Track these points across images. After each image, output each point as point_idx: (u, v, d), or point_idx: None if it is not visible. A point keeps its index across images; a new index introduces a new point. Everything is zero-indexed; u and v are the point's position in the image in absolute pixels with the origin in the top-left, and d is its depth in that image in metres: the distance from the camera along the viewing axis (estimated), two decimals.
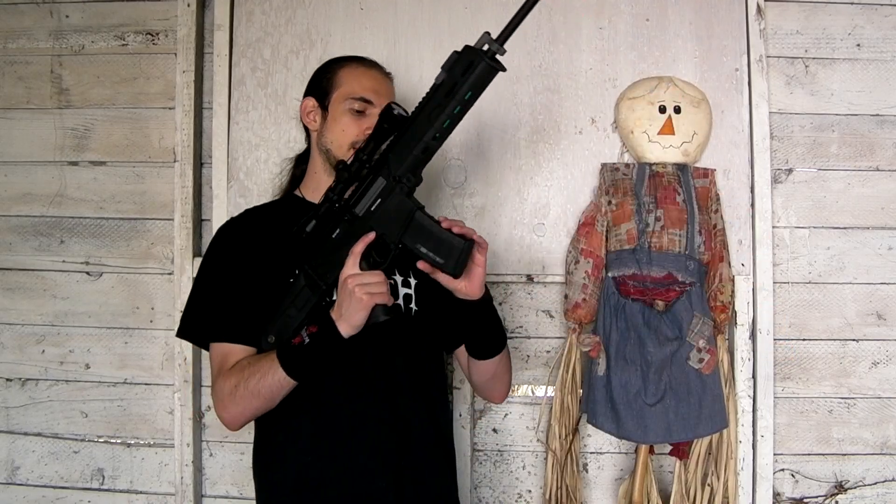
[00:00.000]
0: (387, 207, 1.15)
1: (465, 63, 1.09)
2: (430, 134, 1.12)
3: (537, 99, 1.80)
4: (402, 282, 1.31)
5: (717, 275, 1.70)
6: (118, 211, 1.89)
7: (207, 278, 1.29)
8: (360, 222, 1.16)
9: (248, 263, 1.25)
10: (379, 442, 1.24)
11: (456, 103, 1.09)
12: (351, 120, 1.30)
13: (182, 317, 1.30)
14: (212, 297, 1.26)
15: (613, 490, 1.81)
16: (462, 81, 1.08)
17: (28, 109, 1.91)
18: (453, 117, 1.11)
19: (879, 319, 1.80)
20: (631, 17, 1.80)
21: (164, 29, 1.88)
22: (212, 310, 1.26)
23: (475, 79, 1.08)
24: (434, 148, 1.14)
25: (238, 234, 1.31)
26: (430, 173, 1.80)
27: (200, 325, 1.27)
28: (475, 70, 1.08)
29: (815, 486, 1.80)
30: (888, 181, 1.81)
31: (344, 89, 1.32)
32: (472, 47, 1.09)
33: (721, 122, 1.77)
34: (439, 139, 1.13)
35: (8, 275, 1.92)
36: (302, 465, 1.23)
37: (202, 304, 1.28)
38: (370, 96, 1.31)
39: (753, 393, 1.76)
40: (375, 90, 1.32)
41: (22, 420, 1.91)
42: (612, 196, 1.72)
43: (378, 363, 1.26)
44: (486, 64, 1.07)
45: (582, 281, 1.70)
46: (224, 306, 1.24)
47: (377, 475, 1.23)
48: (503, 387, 1.42)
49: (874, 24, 1.81)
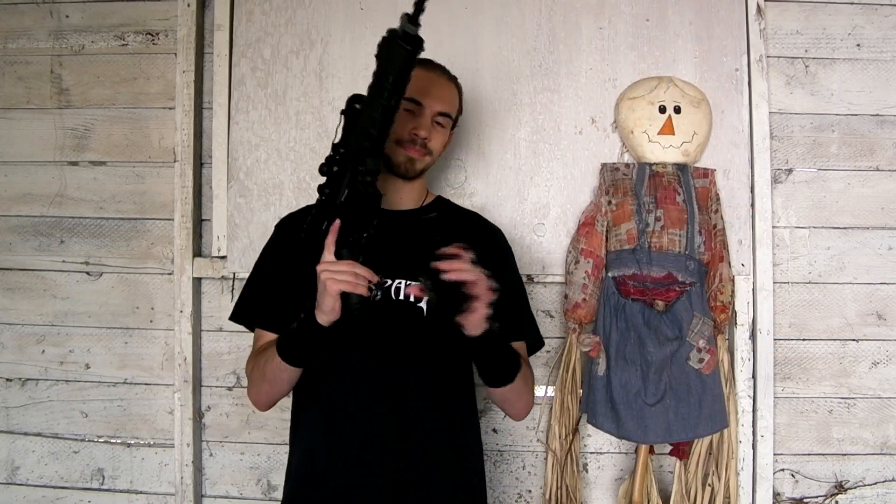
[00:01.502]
0: (351, 197, 1.16)
1: (384, 47, 1.09)
2: (369, 123, 1.12)
3: (537, 99, 1.80)
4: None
5: (717, 275, 1.70)
6: (118, 211, 1.89)
7: (257, 268, 1.39)
8: (336, 215, 1.17)
9: (293, 258, 1.28)
10: (378, 441, 1.25)
11: (383, 89, 1.10)
12: (400, 119, 1.28)
13: (237, 302, 1.39)
14: (257, 287, 1.36)
15: (613, 490, 1.81)
16: (384, 67, 1.09)
17: (28, 109, 1.91)
18: (385, 103, 1.11)
19: (879, 319, 1.80)
20: (631, 17, 1.80)
21: (164, 29, 1.88)
22: (256, 298, 1.35)
23: (391, 61, 1.08)
24: (376, 136, 1.13)
25: (290, 230, 1.37)
26: (430, 173, 1.80)
27: (246, 311, 1.37)
28: (390, 53, 1.08)
29: (815, 486, 1.80)
30: (888, 181, 1.81)
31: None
32: (391, 30, 1.08)
33: (721, 122, 1.77)
34: (379, 126, 1.12)
35: (8, 275, 1.92)
36: (308, 453, 1.29)
37: (250, 292, 1.38)
38: (419, 97, 1.31)
39: (753, 393, 1.76)
40: (425, 90, 1.32)
41: (22, 420, 1.91)
42: (612, 196, 1.72)
43: (392, 364, 1.27)
44: (396, 45, 1.07)
45: (582, 281, 1.70)
46: (266, 296, 1.33)
47: (374, 473, 1.25)
48: (516, 411, 1.41)
49: (874, 24, 1.81)
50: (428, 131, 1.33)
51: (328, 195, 1.17)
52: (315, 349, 1.19)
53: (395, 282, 1.30)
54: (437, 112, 1.34)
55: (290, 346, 1.19)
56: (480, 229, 1.46)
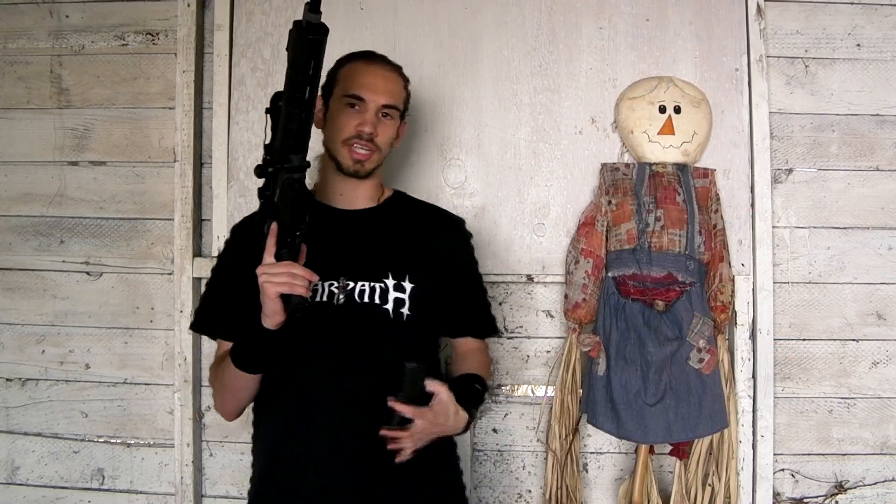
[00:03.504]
0: (282, 196, 1.15)
1: (291, 41, 1.08)
2: (288, 119, 1.11)
3: (537, 99, 1.80)
4: (394, 285, 1.30)
5: (717, 275, 1.70)
6: (118, 211, 1.89)
7: (214, 276, 1.37)
8: (272, 215, 1.16)
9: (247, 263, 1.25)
10: (348, 444, 1.24)
11: (297, 83, 1.09)
12: (344, 116, 1.29)
13: (195, 312, 1.37)
14: (215, 295, 1.34)
15: (613, 490, 1.81)
16: (294, 60, 1.08)
17: (28, 109, 1.91)
18: (301, 97, 1.09)
19: (879, 319, 1.80)
20: (631, 17, 1.80)
21: (164, 29, 1.88)
22: (215, 307, 1.33)
23: (300, 53, 1.07)
24: (296, 131, 1.12)
25: (244, 234, 1.33)
26: (431, 173, 1.81)
27: (206, 321, 1.35)
28: (297, 45, 1.07)
29: (815, 486, 1.80)
30: (888, 181, 1.81)
31: (340, 87, 1.32)
32: (295, 21, 1.08)
33: (721, 122, 1.77)
34: (298, 120, 1.11)
35: (8, 275, 1.92)
36: (276, 459, 1.27)
37: (208, 301, 1.35)
38: (361, 92, 1.29)
39: (753, 393, 1.76)
40: (369, 85, 1.30)
41: (22, 420, 1.91)
42: (612, 196, 1.72)
43: (359, 367, 1.26)
44: (302, 36, 1.06)
45: (582, 281, 1.70)
46: (224, 304, 1.30)
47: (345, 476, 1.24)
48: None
49: (874, 24, 1.81)
50: (373, 126, 1.30)
51: (267, 197, 1.16)
52: (266, 354, 1.18)
53: (357, 284, 1.28)
54: (381, 105, 1.31)
55: (242, 353, 1.18)
56: (440, 222, 1.44)
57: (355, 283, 1.28)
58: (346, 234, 1.30)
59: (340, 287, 1.27)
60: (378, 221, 1.36)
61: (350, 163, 1.30)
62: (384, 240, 1.34)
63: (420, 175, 1.81)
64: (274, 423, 1.29)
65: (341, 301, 1.27)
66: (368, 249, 1.32)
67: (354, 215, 1.35)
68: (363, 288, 1.28)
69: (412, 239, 1.37)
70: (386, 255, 1.32)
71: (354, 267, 1.29)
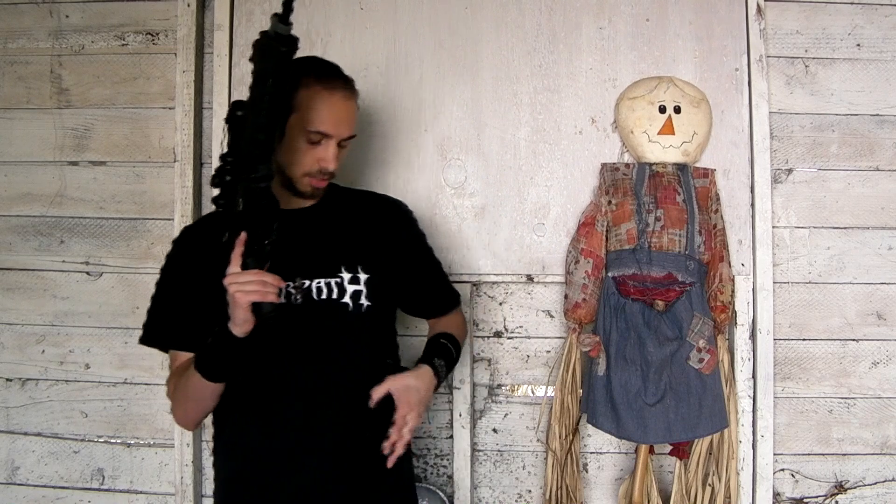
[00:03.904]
0: (249, 206, 1.14)
1: (258, 51, 1.08)
2: (256, 129, 1.10)
3: (537, 99, 1.80)
4: (349, 278, 1.30)
5: (717, 275, 1.70)
6: (118, 211, 1.89)
7: (161, 287, 1.32)
8: (237, 224, 1.15)
9: (199, 272, 1.24)
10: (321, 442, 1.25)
11: (265, 93, 1.08)
12: (306, 149, 1.25)
13: (144, 325, 1.32)
14: (165, 307, 1.30)
15: (613, 490, 1.81)
16: (261, 70, 1.08)
17: (28, 109, 1.91)
18: (269, 107, 1.09)
19: (879, 319, 1.80)
20: (631, 17, 1.80)
21: (164, 29, 1.88)
22: (166, 319, 1.29)
23: (268, 64, 1.07)
24: (263, 141, 1.11)
25: (192, 243, 1.32)
26: (431, 173, 1.81)
27: (158, 333, 1.30)
28: (265, 55, 1.07)
29: (815, 486, 1.80)
30: (888, 181, 1.81)
31: (301, 116, 1.23)
32: (263, 32, 1.08)
33: (721, 122, 1.77)
34: (266, 130, 1.11)
35: (8, 275, 1.92)
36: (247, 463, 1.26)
37: (157, 313, 1.31)
38: (325, 129, 1.24)
39: (753, 393, 1.76)
40: (334, 121, 1.25)
41: (22, 420, 1.91)
42: (612, 196, 1.72)
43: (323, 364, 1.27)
44: (271, 47, 1.06)
45: (582, 281, 1.70)
46: (175, 316, 1.27)
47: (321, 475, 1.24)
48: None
49: (874, 24, 1.81)
50: (335, 160, 1.27)
51: (224, 206, 1.15)
52: (234, 362, 1.18)
53: (314, 282, 1.28)
54: (343, 138, 1.28)
55: (208, 362, 1.17)
56: (381, 207, 1.43)
57: (311, 281, 1.28)
58: (293, 233, 1.28)
59: (297, 287, 1.26)
60: (322, 217, 1.34)
61: (309, 190, 1.29)
62: (332, 234, 1.33)
63: (420, 175, 1.81)
64: (244, 427, 1.28)
65: (299, 301, 1.26)
66: (318, 246, 1.31)
67: (298, 214, 1.32)
68: (319, 285, 1.28)
69: (358, 229, 1.36)
70: (336, 250, 1.32)
71: (307, 265, 1.28)
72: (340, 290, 1.29)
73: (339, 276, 1.30)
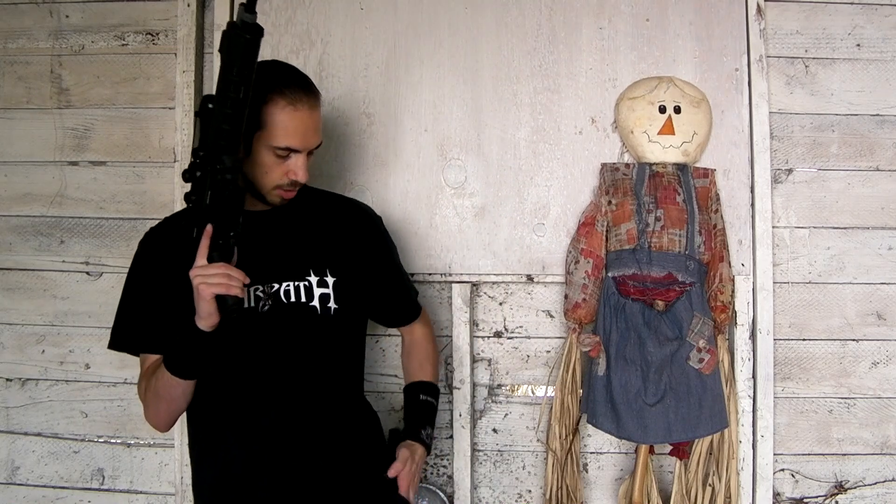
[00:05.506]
0: (215, 197, 1.14)
1: (225, 41, 1.09)
2: (221, 119, 1.11)
3: (537, 99, 1.80)
4: (317, 282, 1.29)
5: (717, 275, 1.70)
6: (118, 211, 1.89)
7: (128, 291, 1.31)
8: (205, 218, 1.15)
9: (166, 273, 1.24)
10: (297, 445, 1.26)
11: (230, 83, 1.09)
12: (274, 163, 1.23)
13: (113, 330, 1.31)
14: (133, 310, 1.29)
15: (613, 490, 1.81)
16: (227, 60, 1.08)
17: (28, 109, 1.91)
18: (234, 97, 1.09)
19: (879, 319, 1.80)
20: (631, 17, 1.80)
21: (164, 29, 1.88)
22: (134, 323, 1.28)
23: (234, 53, 1.08)
24: (229, 131, 1.12)
25: (158, 244, 1.30)
26: (431, 173, 1.81)
27: (127, 337, 1.29)
28: (231, 45, 1.08)
29: (815, 486, 1.80)
30: (888, 181, 1.81)
31: (268, 133, 1.20)
32: (229, 22, 1.08)
33: (721, 122, 1.77)
34: (231, 120, 1.11)
35: (8, 275, 1.92)
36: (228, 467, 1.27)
37: (126, 317, 1.30)
38: (292, 144, 1.22)
39: (753, 393, 1.76)
40: (301, 135, 1.22)
41: (22, 420, 1.91)
42: (612, 196, 1.72)
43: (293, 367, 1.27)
44: (236, 35, 1.07)
45: (582, 281, 1.70)
46: (144, 319, 1.26)
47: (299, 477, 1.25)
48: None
49: (874, 24, 1.81)
50: (305, 170, 1.24)
51: (195, 202, 1.15)
52: (202, 357, 1.17)
53: (282, 285, 1.27)
54: (311, 150, 1.27)
55: (177, 359, 1.17)
56: (349, 211, 1.41)
57: (279, 284, 1.27)
58: (260, 236, 1.27)
59: (265, 291, 1.26)
60: (289, 219, 1.32)
61: (278, 201, 1.28)
62: (299, 237, 1.32)
63: (420, 175, 1.81)
64: (220, 435, 1.27)
65: (269, 304, 1.26)
66: (286, 249, 1.30)
67: (265, 215, 1.30)
68: (288, 288, 1.27)
69: (326, 232, 1.35)
70: (304, 252, 1.31)
71: (275, 268, 1.28)
72: (309, 293, 1.28)
73: (307, 280, 1.29)
